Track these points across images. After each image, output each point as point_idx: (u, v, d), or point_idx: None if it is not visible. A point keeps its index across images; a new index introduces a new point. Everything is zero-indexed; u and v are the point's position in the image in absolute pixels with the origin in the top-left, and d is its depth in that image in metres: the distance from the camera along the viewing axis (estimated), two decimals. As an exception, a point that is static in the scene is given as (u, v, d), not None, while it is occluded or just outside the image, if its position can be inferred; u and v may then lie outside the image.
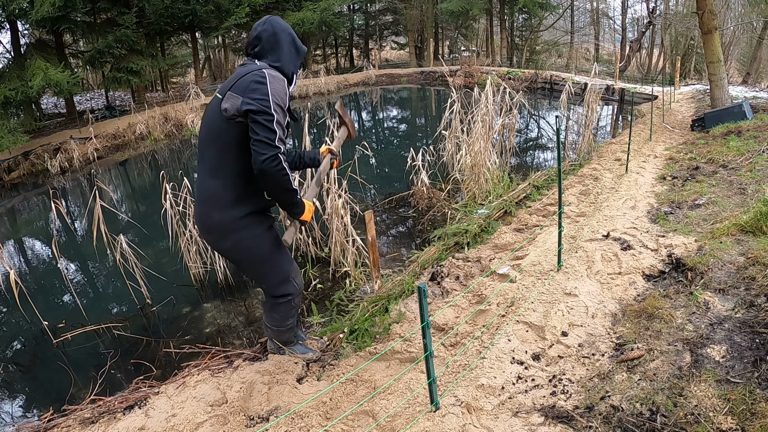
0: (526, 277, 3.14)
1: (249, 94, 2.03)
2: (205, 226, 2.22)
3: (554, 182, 5.19)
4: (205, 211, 2.17)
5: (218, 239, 2.22)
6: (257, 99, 2.02)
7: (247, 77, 2.08)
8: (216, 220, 2.15)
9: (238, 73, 2.15)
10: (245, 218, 2.17)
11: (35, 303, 3.64)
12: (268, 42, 2.21)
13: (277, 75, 2.13)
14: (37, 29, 11.70)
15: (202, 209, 2.19)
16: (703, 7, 6.80)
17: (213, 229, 2.19)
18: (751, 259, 2.71)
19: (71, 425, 2.38)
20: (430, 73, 17.17)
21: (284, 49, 2.24)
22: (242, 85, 2.07)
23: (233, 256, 2.34)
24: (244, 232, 2.18)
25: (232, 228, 2.16)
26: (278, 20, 2.28)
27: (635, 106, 9.30)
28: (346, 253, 3.98)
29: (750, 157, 4.90)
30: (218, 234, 2.19)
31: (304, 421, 2.18)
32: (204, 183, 2.17)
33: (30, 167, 9.37)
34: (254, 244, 2.22)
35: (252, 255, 2.26)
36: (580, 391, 2.06)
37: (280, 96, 2.07)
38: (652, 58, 19.83)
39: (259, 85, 2.04)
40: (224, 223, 2.15)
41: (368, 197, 6.02)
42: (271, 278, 2.37)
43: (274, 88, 2.06)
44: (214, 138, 2.13)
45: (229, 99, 2.07)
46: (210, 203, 2.15)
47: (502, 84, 6.17)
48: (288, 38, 2.26)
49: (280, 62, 2.23)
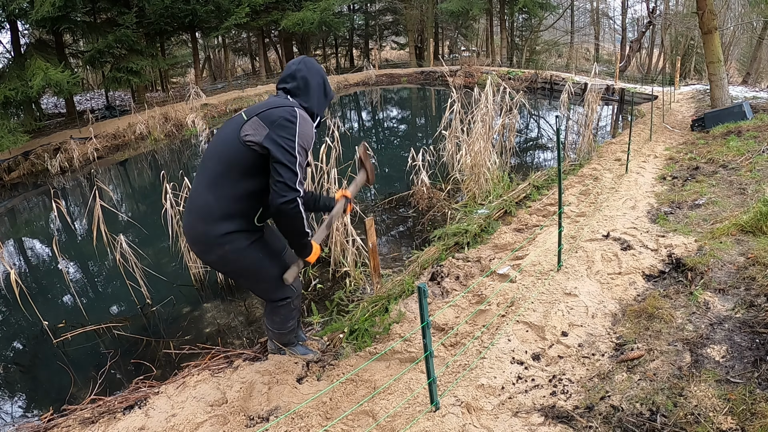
0: (526, 277, 3.14)
1: (277, 130, 2.02)
2: (191, 237, 2.19)
3: (554, 182, 5.19)
4: (192, 222, 2.15)
5: (203, 251, 2.19)
6: (284, 138, 2.01)
7: (279, 111, 2.07)
8: (201, 232, 2.13)
9: (270, 102, 2.14)
10: (231, 234, 2.14)
11: (35, 303, 3.64)
12: (301, 81, 2.23)
13: (307, 117, 2.13)
14: (37, 29, 11.71)
15: (189, 218, 2.17)
16: (703, 7, 6.80)
17: (198, 241, 2.17)
18: (751, 259, 2.71)
19: (71, 425, 2.38)
20: (430, 73, 17.17)
21: (314, 91, 2.26)
22: (272, 117, 2.06)
23: (220, 268, 2.33)
24: (229, 246, 2.14)
25: (217, 242, 2.13)
26: (313, 62, 2.30)
27: (635, 106, 9.30)
28: (346, 253, 3.97)
29: (750, 157, 4.90)
30: (203, 246, 2.16)
31: (304, 421, 2.18)
32: (198, 193, 2.15)
33: (30, 167, 9.37)
34: (240, 257, 2.18)
35: (240, 267, 2.24)
36: (580, 391, 2.06)
37: (306, 139, 2.08)
38: (652, 58, 19.83)
39: (289, 123, 2.04)
40: (209, 236, 2.12)
41: (368, 197, 6.02)
42: (263, 285, 2.35)
43: (303, 131, 2.06)
44: (225, 155, 2.10)
45: (254, 125, 2.06)
46: (198, 215, 2.13)
47: (502, 84, 6.18)
48: (320, 81, 2.28)
49: (309, 104, 2.24)
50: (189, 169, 8.73)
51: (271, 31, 18.77)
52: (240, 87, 15.48)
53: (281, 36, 18.72)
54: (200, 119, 10.79)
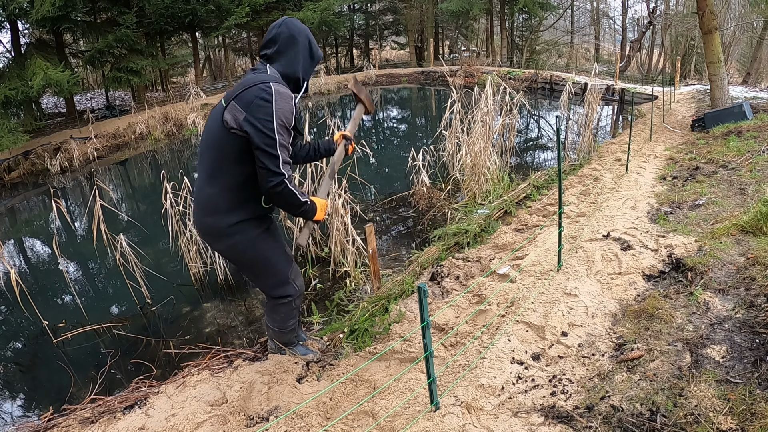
0: (526, 277, 3.14)
1: (253, 112, 1.96)
2: (201, 229, 2.22)
3: (554, 182, 5.19)
4: (201, 214, 2.17)
5: (214, 241, 2.22)
6: (261, 119, 1.95)
7: (253, 90, 1.99)
8: (209, 224, 2.15)
9: (246, 81, 2.07)
10: (240, 224, 2.15)
11: (35, 302, 3.64)
12: (283, 45, 2.13)
13: (285, 91, 2.04)
14: (37, 29, 11.70)
15: (198, 212, 2.19)
16: (704, 7, 6.80)
17: (208, 232, 2.19)
18: (751, 260, 2.71)
19: (71, 425, 2.38)
20: (430, 73, 17.17)
21: (299, 53, 2.17)
22: (247, 98, 1.99)
23: (230, 257, 2.34)
24: (238, 236, 2.16)
25: (227, 233, 2.15)
26: (296, 22, 2.19)
27: (635, 106, 9.30)
28: (346, 253, 3.97)
29: (750, 157, 4.90)
30: (213, 237, 2.19)
31: (304, 420, 2.18)
32: (202, 188, 2.16)
33: (30, 167, 9.37)
34: (249, 246, 2.20)
35: (248, 257, 2.25)
36: (580, 391, 2.06)
37: (285, 116, 2.00)
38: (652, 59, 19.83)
39: (264, 102, 1.96)
40: (218, 227, 2.14)
41: (368, 197, 6.02)
42: (269, 280, 2.36)
43: (280, 108, 1.98)
44: (214, 145, 2.09)
45: (231, 110, 2.01)
46: (205, 208, 2.15)
47: (502, 84, 6.18)
48: (304, 42, 2.18)
49: (294, 68, 2.16)
50: (189, 168, 8.73)
51: (271, 30, 18.75)
52: (240, 87, 15.45)
53: (281, 36, 18.70)
54: (201, 119, 10.79)
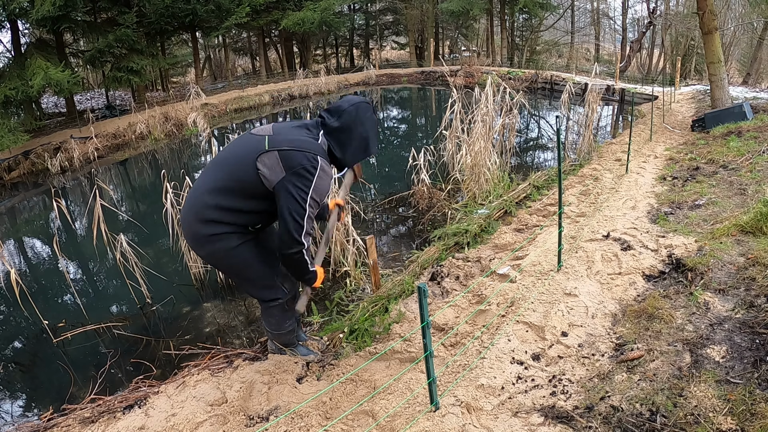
0: (526, 277, 3.14)
1: (293, 178, 1.97)
2: (185, 231, 2.22)
3: (554, 182, 5.19)
4: (188, 217, 2.17)
5: (195, 246, 2.22)
6: (298, 188, 1.97)
7: (300, 157, 1.99)
8: (194, 229, 2.15)
9: (296, 139, 2.04)
10: (221, 234, 2.15)
11: (35, 302, 3.64)
12: (345, 126, 2.14)
13: (328, 171, 2.07)
14: (37, 28, 11.71)
15: (186, 214, 2.19)
16: (704, 7, 6.80)
17: (190, 236, 2.19)
18: (751, 260, 2.71)
19: (71, 424, 2.38)
20: (430, 73, 17.17)
21: (354, 142, 2.17)
22: (292, 161, 1.98)
23: (211, 263, 2.34)
24: (219, 244, 2.16)
25: (208, 240, 2.14)
26: (366, 111, 2.18)
27: (635, 106, 9.30)
28: (346, 253, 3.98)
29: (750, 157, 4.90)
30: (196, 241, 2.18)
31: (304, 420, 2.18)
32: (200, 192, 2.15)
33: (30, 166, 9.37)
34: (229, 255, 2.19)
35: (229, 264, 2.25)
36: (580, 391, 2.06)
37: (320, 193, 2.04)
38: (652, 59, 19.83)
39: (307, 174, 1.98)
40: (201, 233, 2.14)
41: (368, 197, 6.02)
42: (254, 284, 2.35)
43: (319, 185, 2.01)
44: (236, 175, 2.07)
45: (272, 161, 1.99)
46: (194, 212, 2.14)
47: (502, 84, 6.18)
48: (363, 135, 2.18)
49: (342, 151, 2.17)
50: (189, 168, 8.74)
51: (271, 30, 18.78)
52: (240, 87, 15.48)
53: (281, 36, 18.72)
54: (201, 118, 10.79)
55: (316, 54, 22.35)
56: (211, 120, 12.22)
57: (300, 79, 15.84)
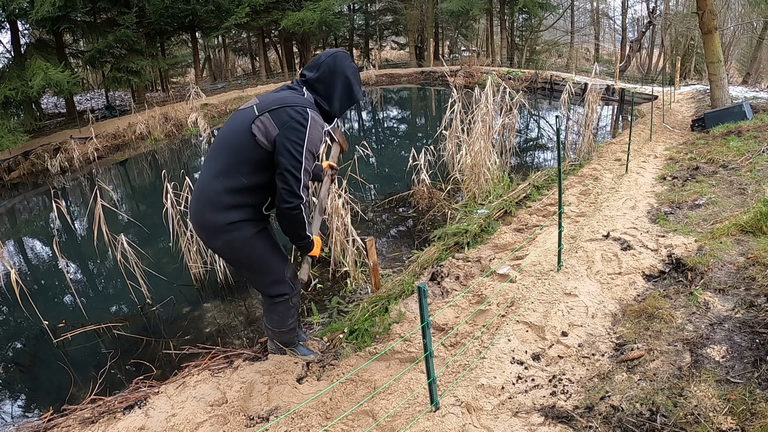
0: (526, 277, 3.14)
1: (287, 133, 2.01)
2: (198, 223, 2.21)
3: (554, 182, 5.19)
4: (200, 209, 2.17)
5: (209, 238, 2.22)
6: (293, 142, 2.00)
7: (291, 111, 2.04)
8: (208, 220, 2.15)
9: (283, 97, 2.10)
10: (238, 223, 2.16)
11: (35, 302, 3.64)
12: (325, 75, 2.17)
13: (319, 120, 2.10)
14: (37, 29, 11.72)
15: (197, 206, 2.18)
16: (704, 7, 6.80)
17: (204, 228, 2.19)
18: (751, 260, 2.71)
19: (71, 425, 2.38)
20: (430, 73, 17.17)
21: (338, 89, 2.20)
22: (283, 117, 2.03)
23: (225, 254, 2.34)
24: (235, 233, 2.17)
25: (224, 229, 2.15)
26: (344, 58, 2.21)
27: (635, 106, 9.30)
28: (346, 253, 3.97)
29: (750, 157, 4.90)
30: (210, 233, 2.18)
31: (304, 421, 2.18)
32: (206, 182, 2.16)
33: (30, 167, 9.38)
34: (245, 245, 2.20)
35: (243, 255, 2.26)
36: (580, 391, 2.06)
37: (315, 143, 2.06)
38: (652, 58, 19.83)
39: (299, 126, 2.02)
40: (216, 223, 2.14)
41: (368, 197, 6.02)
42: (264, 277, 2.36)
43: (312, 135, 2.04)
44: (235, 148, 2.10)
45: (264, 123, 2.04)
46: (206, 202, 2.14)
47: (502, 84, 6.18)
48: (345, 81, 2.20)
49: (329, 101, 2.20)
50: (189, 168, 8.74)
51: (271, 31, 18.78)
52: (240, 87, 15.49)
53: (281, 36, 18.73)
54: (201, 119, 10.79)
55: (316, 54, 22.35)
56: (211, 120, 12.22)
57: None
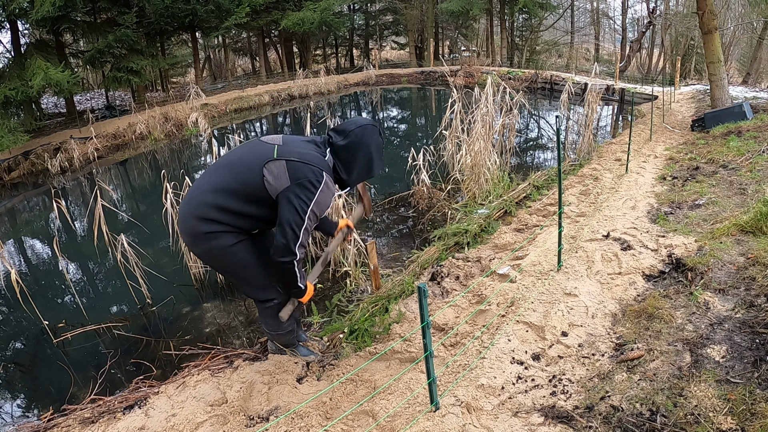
0: (526, 277, 3.14)
1: (297, 189, 2.02)
2: (182, 228, 2.22)
3: (554, 182, 5.19)
4: (188, 213, 2.17)
5: (191, 243, 2.22)
6: (300, 200, 2.02)
7: (307, 170, 2.05)
8: (191, 225, 2.15)
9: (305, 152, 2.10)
10: (218, 233, 2.15)
11: (35, 302, 3.64)
12: (351, 146, 2.19)
13: (332, 186, 2.13)
14: (37, 29, 11.70)
15: (186, 210, 2.19)
16: (704, 7, 6.80)
17: (187, 233, 2.19)
18: (751, 260, 2.71)
19: (71, 425, 2.38)
20: (430, 73, 17.17)
21: (359, 162, 2.22)
22: (298, 173, 2.04)
23: (206, 261, 2.35)
24: (214, 242, 2.16)
25: (204, 238, 2.15)
26: (373, 133, 2.24)
27: (635, 106, 9.29)
28: (346, 253, 3.98)
29: (750, 157, 4.90)
30: (192, 238, 2.18)
31: (304, 420, 2.18)
32: (201, 191, 2.16)
33: (30, 167, 9.37)
34: (224, 253, 2.20)
35: (223, 263, 2.26)
36: (580, 391, 2.06)
37: (321, 207, 2.10)
38: (652, 59, 19.83)
39: (311, 187, 2.04)
40: (198, 230, 2.14)
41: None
42: (248, 284, 2.35)
43: (321, 199, 2.07)
44: (242, 178, 2.10)
45: (279, 170, 2.04)
46: (194, 209, 2.14)
47: (502, 84, 6.18)
48: (368, 156, 2.23)
49: (347, 170, 2.22)
50: (189, 169, 8.74)
51: (271, 30, 18.77)
52: (240, 87, 15.48)
53: (281, 36, 18.73)
54: (201, 119, 10.79)
55: (316, 54, 22.35)
56: (211, 120, 12.22)
57: (300, 80, 15.85)
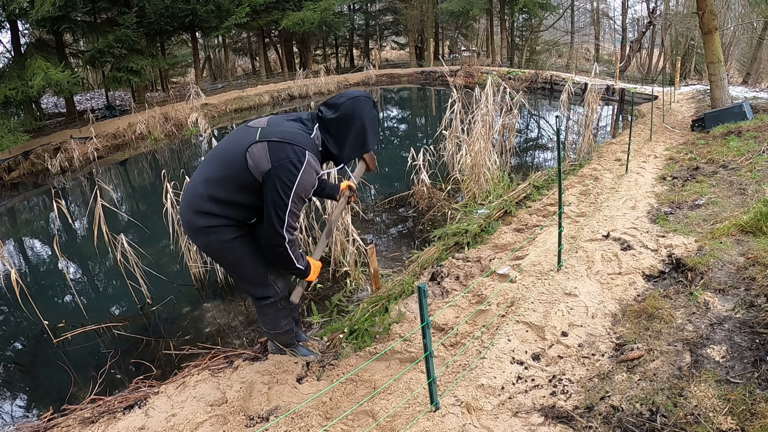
0: (526, 277, 3.14)
1: (278, 171, 1.96)
2: (183, 222, 2.24)
3: (554, 182, 5.19)
4: (186, 207, 2.18)
5: (192, 236, 2.23)
6: (282, 182, 1.97)
7: (289, 150, 1.98)
8: (189, 219, 2.16)
9: (287, 130, 2.04)
10: (216, 227, 2.15)
11: (36, 302, 3.64)
12: (342, 119, 2.10)
13: (315, 165, 2.04)
14: (37, 29, 11.70)
15: (184, 204, 2.20)
16: (704, 7, 6.80)
17: (187, 227, 2.21)
18: (751, 260, 2.71)
19: (71, 425, 2.38)
20: (430, 73, 17.17)
21: (351, 136, 2.13)
22: (279, 153, 1.97)
23: (206, 254, 2.37)
24: (213, 236, 2.16)
25: (203, 232, 2.15)
26: (365, 104, 2.14)
27: (635, 106, 9.29)
28: (346, 253, 3.97)
29: (750, 157, 4.90)
30: (192, 231, 2.19)
31: (304, 420, 2.18)
32: (196, 185, 2.17)
33: (30, 167, 9.37)
34: (222, 248, 2.19)
35: (222, 257, 2.25)
36: (580, 391, 2.06)
37: (305, 189, 2.02)
38: (652, 59, 19.82)
39: (292, 168, 1.97)
40: (196, 224, 2.15)
41: (368, 197, 6.02)
42: (246, 280, 2.35)
43: (303, 180, 1.99)
44: (227, 164, 2.08)
45: (260, 152, 1.99)
46: (190, 203, 2.15)
47: (502, 84, 6.18)
48: (360, 129, 2.14)
49: (338, 145, 2.14)
50: (189, 169, 8.73)
51: (271, 30, 18.77)
52: (240, 87, 15.48)
53: (281, 36, 18.72)
54: (202, 118, 10.79)
55: (316, 54, 22.34)
56: (211, 120, 12.22)
57: (300, 80, 15.84)
